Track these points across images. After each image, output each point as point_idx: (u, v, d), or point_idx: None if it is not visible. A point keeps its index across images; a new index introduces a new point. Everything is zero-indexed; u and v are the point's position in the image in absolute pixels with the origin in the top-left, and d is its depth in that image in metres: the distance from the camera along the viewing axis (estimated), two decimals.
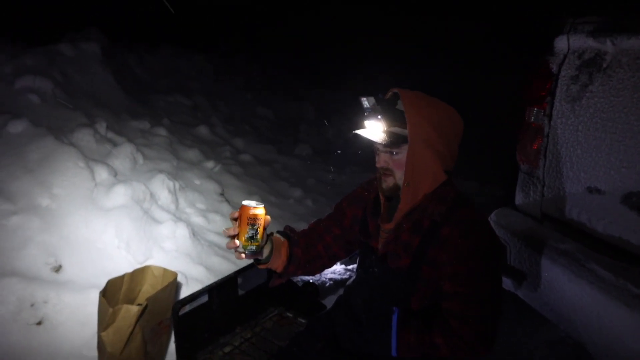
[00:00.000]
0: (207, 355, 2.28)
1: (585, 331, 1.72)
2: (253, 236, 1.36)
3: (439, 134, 1.46)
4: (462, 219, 1.44)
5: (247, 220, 1.34)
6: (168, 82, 6.68)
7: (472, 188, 5.78)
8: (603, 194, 1.75)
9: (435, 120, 1.46)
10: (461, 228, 1.42)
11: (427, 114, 1.46)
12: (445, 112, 1.52)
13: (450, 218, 1.44)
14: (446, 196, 1.49)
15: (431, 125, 1.45)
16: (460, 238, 1.41)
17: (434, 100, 1.53)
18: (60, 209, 2.69)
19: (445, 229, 1.44)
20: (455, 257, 1.41)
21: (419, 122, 1.45)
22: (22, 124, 3.10)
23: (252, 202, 1.36)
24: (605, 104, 1.71)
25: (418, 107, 1.47)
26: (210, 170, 4.37)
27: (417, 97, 1.50)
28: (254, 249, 1.38)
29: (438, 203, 1.48)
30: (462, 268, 1.40)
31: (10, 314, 2.16)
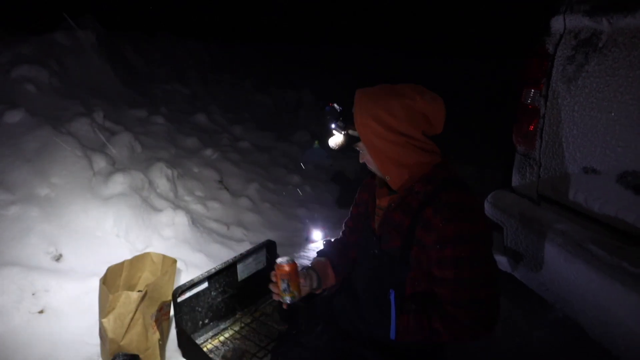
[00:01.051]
0: (209, 340, 2.31)
1: (582, 311, 1.74)
2: (286, 289, 1.61)
3: (384, 125, 1.47)
4: (446, 203, 1.43)
5: (280, 276, 1.60)
6: (165, 71, 6.65)
7: (471, 172, 5.79)
8: (599, 174, 1.76)
9: (377, 114, 1.48)
10: (444, 212, 1.41)
11: (369, 111, 1.49)
12: (388, 103, 1.49)
13: (433, 200, 1.45)
14: (434, 177, 1.50)
15: (374, 120, 1.48)
16: (443, 223, 1.40)
17: (389, 88, 1.54)
18: (59, 198, 2.69)
19: (429, 210, 1.44)
20: (440, 242, 1.41)
21: (362, 121, 1.50)
22: (19, 113, 3.09)
23: (283, 259, 1.62)
24: (601, 84, 1.70)
25: (361, 106, 1.51)
26: (209, 157, 4.37)
27: (365, 94, 1.53)
28: (288, 299, 1.62)
29: (425, 183, 1.49)
30: (447, 253, 1.40)
31: (12, 303, 2.18)
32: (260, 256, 2.56)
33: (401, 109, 1.49)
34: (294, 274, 1.60)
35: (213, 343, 2.30)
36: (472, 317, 1.41)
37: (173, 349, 2.23)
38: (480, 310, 1.41)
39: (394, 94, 1.52)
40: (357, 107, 1.51)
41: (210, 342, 2.31)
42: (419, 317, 1.48)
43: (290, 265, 1.59)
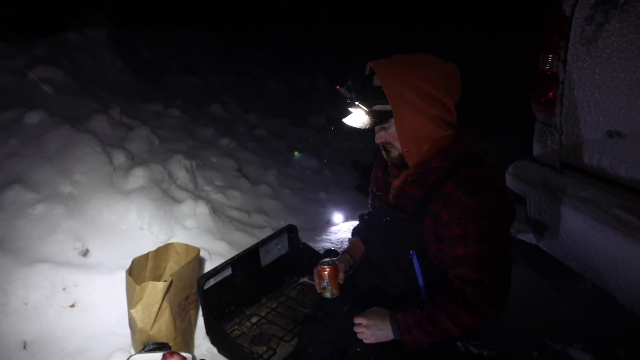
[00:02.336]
0: (235, 327, 2.34)
1: (611, 279, 1.70)
2: (326, 287, 1.78)
3: (422, 95, 1.42)
4: (466, 178, 1.41)
5: (320, 275, 1.78)
6: (177, 63, 6.67)
7: (486, 146, 5.69)
8: (624, 137, 1.70)
9: (415, 82, 1.42)
10: (465, 187, 1.40)
11: (404, 80, 1.43)
12: (426, 69, 1.46)
13: (453, 175, 1.43)
14: (451, 152, 1.48)
15: (411, 90, 1.42)
16: (465, 197, 1.39)
17: (413, 59, 1.50)
18: (82, 195, 2.74)
19: (449, 185, 1.43)
20: (463, 217, 1.39)
21: (397, 91, 1.42)
22: (38, 114, 3.14)
23: (325, 262, 1.78)
24: (623, 42, 1.64)
25: (393, 77, 1.43)
26: (226, 147, 4.39)
27: (392, 65, 1.47)
28: (328, 295, 1.79)
29: (443, 159, 1.47)
30: (471, 228, 1.39)
31: (44, 298, 2.23)
32: (282, 241, 2.57)
33: (440, 76, 1.47)
34: (333, 275, 1.76)
35: (240, 329, 2.33)
36: (491, 296, 1.40)
37: (201, 336, 2.26)
38: (499, 288, 1.41)
39: (427, 61, 1.50)
40: (387, 78, 1.44)
41: (238, 328, 2.34)
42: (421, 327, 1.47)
43: (330, 268, 1.75)
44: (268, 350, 2.17)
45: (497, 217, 1.40)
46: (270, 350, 2.17)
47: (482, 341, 1.81)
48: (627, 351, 2.19)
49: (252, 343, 2.23)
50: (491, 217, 1.38)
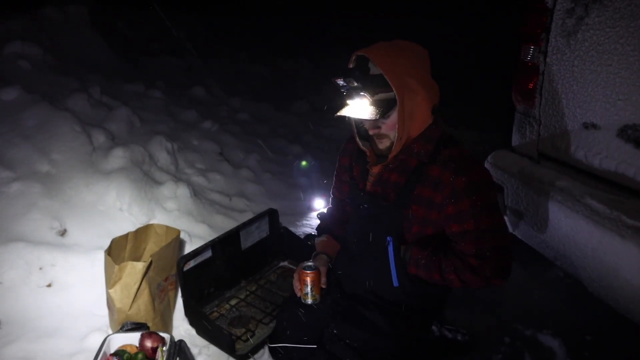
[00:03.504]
0: (214, 309, 2.36)
1: (582, 266, 1.76)
2: (308, 293, 1.66)
3: (417, 77, 1.43)
4: (450, 158, 1.44)
5: (302, 280, 1.66)
6: (160, 44, 6.57)
7: (472, 136, 5.76)
8: (599, 129, 1.74)
9: (409, 66, 1.43)
10: (451, 167, 1.42)
11: (401, 65, 1.42)
12: (414, 54, 1.48)
13: (437, 158, 1.46)
14: (432, 135, 1.50)
15: (408, 74, 1.42)
16: (453, 177, 1.41)
17: (398, 45, 1.50)
18: (61, 174, 2.70)
19: (435, 169, 1.45)
20: (454, 196, 1.42)
21: (399, 77, 1.41)
22: (15, 91, 3.07)
23: (307, 266, 1.66)
24: (602, 36, 1.67)
25: (392, 63, 1.42)
26: (208, 130, 4.35)
27: (385, 51, 1.46)
28: (310, 302, 1.68)
29: (424, 143, 1.49)
30: (464, 205, 1.42)
31: (20, 278, 2.20)
32: (262, 224, 2.58)
33: (425, 59, 1.49)
34: (317, 281, 1.67)
35: (219, 311, 2.35)
36: (495, 267, 1.43)
37: (180, 317, 2.26)
38: (502, 257, 1.43)
39: (411, 46, 1.50)
40: (388, 66, 1.41)
41: (217, 310, 2.35)
42: (430, 272, 1.51)
43: (313, 273, 1.66)
44: (247, 332, 2.19)
45: (487, 190, 1.44)
46: (248, 332, 2.19)
47: (457, 326, 1.86)
48: (593, 336, 2.28)
49: (231, 325, 2.25)
50: (481, 191, 1.42)
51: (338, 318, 1.68)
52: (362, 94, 1.44)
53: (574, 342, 2.27)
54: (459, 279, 1.47)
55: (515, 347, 2.29)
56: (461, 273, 1.45)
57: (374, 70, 1.44)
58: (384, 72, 1.41)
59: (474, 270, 1.44)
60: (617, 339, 2.21)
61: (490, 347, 2.27)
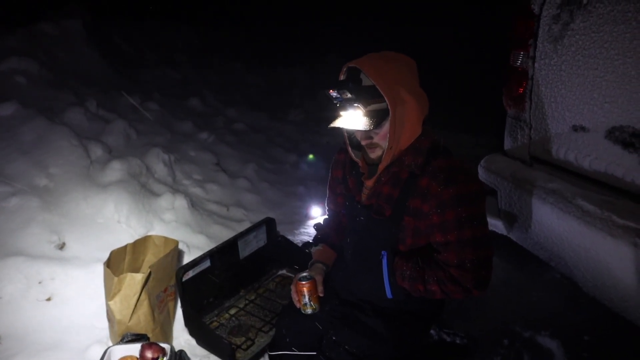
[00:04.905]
0: (214, 318, 2.37)
1: (575, 266, 1.78)
2: (307, 303, 1.69)
3: (407, 87, 1.45)
4: (439, 169, 1.46)
5: (299, 291, 1.68)
6: (155, 56, 6.61)
7: (467, 141, 5.80)
8: (587, 131, 1.77)
9: (399, 76, 1.45)
10: (439, 178, 1.44)
11: (392, 75, 1.44)
12: (401, 62, 1.51)
13: (427, 169, 1.47)
14: (422, 147, 1.51)
15: (399, 84, 1.44)
16: (440, 187, 1.43)
17: (388, 56, 1.51)
18: (59, 188, 2.72)
19: (424, 180, 1.47)
20: (439, 207, 1.44)
21: (391, 87, 1.43)
22: (12, 106, 3.09)
23: (303, 277, 1.68)
24: (587, 41, 1.71)
25: (383, 73, 1.44)
26: (205, 141, 4.38)
27: (376, 62, 1.47)
28: (309, 311, 1.70)
29: (415, 155, 1.50)
30: (448, 216, 1.43)
31: (19, 292, 2.21)
32: (260, 234, 2.60)
33: (414, 69, 1.51)
34: (313, 290, 1.69)
35: (219, 320, 2.36)
36: (474, 278, 1.44)
37: (180, 328, 2.27)
38: (482, 270, 1.45)
39: (399, 57, 1.52)
40: (380, 76, 1.43)
41: (216, 319, 2.36)
42: (414, 281, 1.52)
43: (309, 283, 1.68)
44: (246, 340, 2.20)
45: (473, 202, 1.44)
46: (248, 341, 2.20)
47: (455, 329, 1.88)
48: (591, 337, 2.30)
49: (231, 334, 2.26)
50: (467, 203, 1.43)
51: (337, 324, 1.70)
52: (355, 106, 1.46)
53: (573, 342, 2.29)
54: (441, 289, 1.48)
55: (514, 349, 2.31)
56: (443, 284, 1.47)
57: (366, 81, 1.46)
58: (376, 82, 1.42)
59: (456, 281, 1.45)
60: (615, 339, 2.22)
61: (489, 350, 2.28)
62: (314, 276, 1.74)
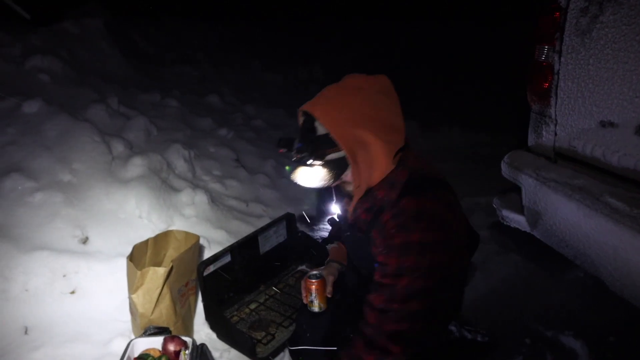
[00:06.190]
0: (234, 313, 2.38)
1: (602, 264, 1.74)
2: (313, 301, 1.74)
3: (370, 126, 1.35)
4: (402, 210, 1.36)
5: (307, 288, 1.73)
6: (174, 54, 6.67)
7: (483, 139, 5.74)
8: (616, 127, 1.73)
9: (360, 115, 1.35)
10: (398, 220, 1.35)
11: (349, 118, 1.35)
12: (365, 93, 1.39)
13: (394, 206, 1.38)
14: (396, 181, 1.41)
15: (359, 126, 1.34)
16: (395, 229, 1.35)
17: (346, 87, 1.43)
18: (82, 183, 2.76)
19: (386, 214, 1.39)
20: (387, 248, 1.37)
21: (347, 133, 1.34)
22: (37, 103, 3.14)
23: (313, 275, 1.72)
24: (617, 34, 1.67)
25: (337, 118, 1.35)
26: (224, 137, 4.41)
27: (330, 104, 1.38)
28: (315, 309, 1.75)
29: (388, 189, 1.41)
30: (391, 261, 1.35)
31: (44, 285, 2.25)
32: (280, 229, 2.60)
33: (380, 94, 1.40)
34: (321, 289, 1.72)
35: (239, 315, 2.37)
36: (393, 330, 1.36)
37: (201, 322, 2.29)
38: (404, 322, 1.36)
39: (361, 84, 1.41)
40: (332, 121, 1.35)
41: (237, 314, 2.38)
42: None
43: (318, 282, 1.71)
44: (267, 335, 2.21)
45: (423, 252, 1.32)
46: (268, 336, 2.21)
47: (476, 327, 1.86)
48: (617, 337, 2.25)
49: (251, 329, 2.27)
50: (415, 253, 1.32)
51: (353, 321, 1.70)
52: (309, 163, 1.38)
53: (597, 343, 2.25)
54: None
55: (537, 348, 2.28)
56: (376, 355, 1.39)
57: (321, 128, 1.38)
58: (330, 131, 1.34)
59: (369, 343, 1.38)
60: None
61: (510, 348, 2.26)
62: (325, 276, 1.76)
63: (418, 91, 7.63)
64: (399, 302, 1.34)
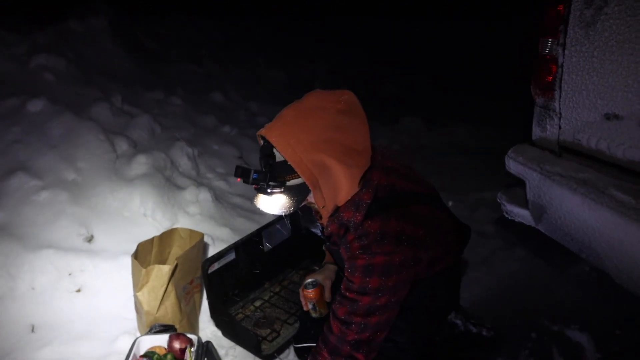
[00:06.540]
0: (239, 310, 2.38)
1: (608, 258, 1.73)
2: (313, 308, 1.77)
3: (331, 150, 1.32)
4: (366, 233, 1.36)
5: (306, 298, 1.76)
6: (178, 51, 6.66)
7: (487, 134, 5.71)
8: (621, 119, 1.71)
9: (320, 139, 1.32)
10: (362, 242, 1.36)
11: (308, 142, 1.31)
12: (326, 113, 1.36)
13: (358, 228, 1.38)
14: (361, 201, 1.39)
15: (319, 150, 1.31)
16: (358, 251, 1.36)
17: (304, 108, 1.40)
18: (87, 182, 2.77)
19: (351, 235, 1.40)
20: (351, 267, 1.39)
21: (305, 158, 1.31)
22: (41, 102, 3.16)
23: (309, 284, 1.75)
24: (621, 25, 1.65)
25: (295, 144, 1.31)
26: (228, 134, 4.41)
27: (287, 129, 1.35)
28: (316, 316, 1.78)
29: (354, 211, 1.39)
30: (355, 279, 1.37)
31: (50, 283, 2.27)
32: (284, 226, 2.60)
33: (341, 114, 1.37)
34: (319, 296, 1.74)
35: (244, 312, 2.38)
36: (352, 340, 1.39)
37: (206, 319, 2.30)
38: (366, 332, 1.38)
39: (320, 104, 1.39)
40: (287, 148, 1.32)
41: (242, 311, 2.38)
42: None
43: (314, 291, 1.73)
44: (272, 332, 2.21)
45: (386, 273, 1.34)
46: (274, 333, 2.21)
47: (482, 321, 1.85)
48: (623, 331, 2.24)
49: (256, 326, 2.27)
50: (379, 274, 1.33)
51: None
52: (269, 192, 1.37)
53: (603, 336, 2.24)
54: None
55: (543, 342, 2.27)
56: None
57: (279, 155, 1.36)
58: (287, 158, 1.32)
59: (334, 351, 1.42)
60: None
61: (516, 343, 2.25)
62: (322, 281, 1.77)
63: (423, 87, 7.61)
64: (361, 316, 1.38)
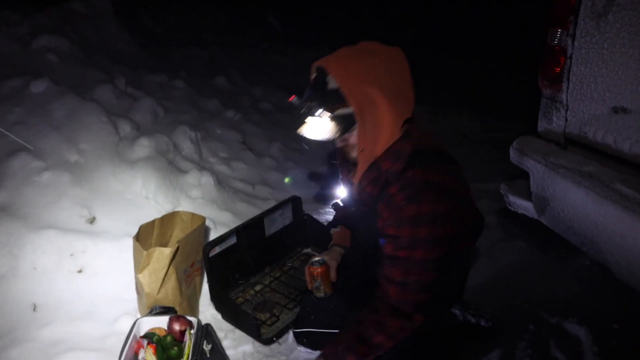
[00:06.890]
0: (239, 294, 2.40)
1: (610, 252, 1.73)
2: (318, 287, 1.76)
3: (381, 87, 1.34)
4: (409, 182, 1.36)
5: (311, 275, 1.75)
6: (182, 35, 6.62)
7: (492, 124, 5.69)
8: (629, 113, 1.70)
9: (372, 74, 1.34)
10: (407, 191, 1.35)
11: (361, 74, 1.34)
12: (379, 57, 1.38)
13: (400, 178, 1.37)
14: (402, 152, 1.40)
15: (370, 84, 1.33)
16: (405, 201, 1.35)
17: (359, 49, 1.42)
18: (89, 163, 2.76)
19: (393, 187, 1.38)
20: (398, 220, 1.37)
21: (357, 89, 1.33)
22: (44, 83, 3.14)
23: (316, 261, 1.75)
24: (634, 17, 1.62)
25: (349, 73, 1.34)
26: (231, 119, 4.39)
27: (343, 61, 1.38)
28: (321, 295, 1.77)
29: (394, 161, 1.40)
30: (404, 233, 1.36)
31: (52, 264, 2.28)
32: (286, 212, 2.60)
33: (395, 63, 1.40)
34: (325, 275, 1.73)
35: (244, 296, 2.39)
36: (415, 300, 1.39)
37: (206, 303, 2.31)
38: (423, 293, 1.39)
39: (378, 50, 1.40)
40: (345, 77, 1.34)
41: (242, 295, 2.39)
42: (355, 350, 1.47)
43: (322, 268, 1.72)
44: (271, 317, 2.23)
45: (434, 223, 1.34)
46: (273, 317, 2.22)
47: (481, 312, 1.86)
48: (621, 325, 2.24)
49: (256, 310, 2.29)
50: (427, 224, 1.33)
51: (358, 305, 1.70)
52: (317, 114, 1.38)
53: (601, 330, 2.24)
54: (386, 335, 1.43)
55: (540, 335, 2.27)
56: (384, 327, 1.42)
57: (332, 83, 1.37)
58: (340, 84, 1.34)
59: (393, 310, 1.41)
60: None
61: (514, 334, 2.25)
62: (328, 261, 1.77)
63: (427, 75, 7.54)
64: (416, 274, 1.38)
